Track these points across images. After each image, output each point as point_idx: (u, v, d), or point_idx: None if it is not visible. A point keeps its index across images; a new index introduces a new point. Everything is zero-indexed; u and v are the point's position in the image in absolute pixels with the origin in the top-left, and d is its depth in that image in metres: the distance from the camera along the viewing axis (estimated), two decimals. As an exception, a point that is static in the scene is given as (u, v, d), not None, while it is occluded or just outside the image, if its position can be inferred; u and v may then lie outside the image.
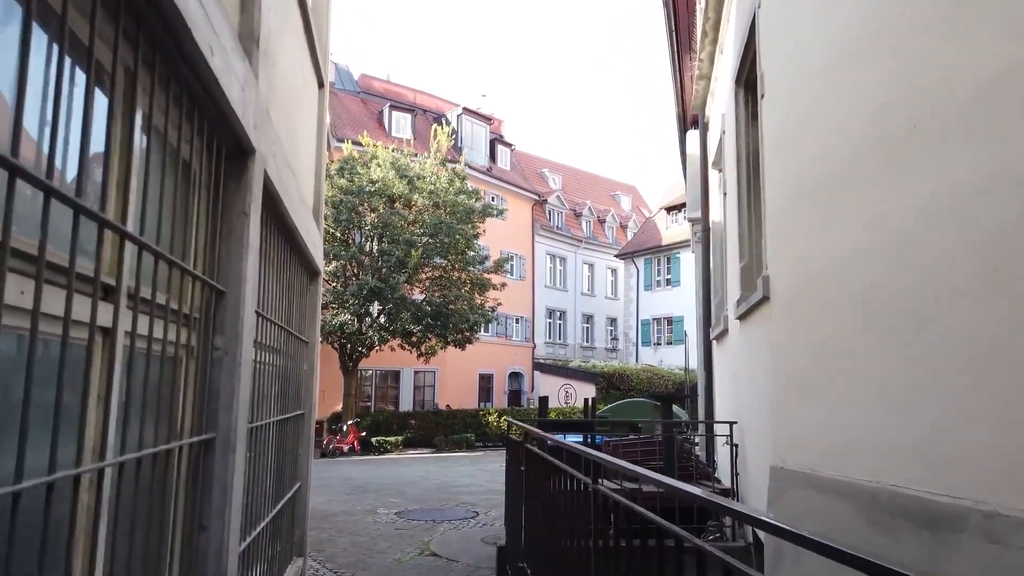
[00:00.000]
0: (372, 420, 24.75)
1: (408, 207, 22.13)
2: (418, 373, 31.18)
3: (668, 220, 36.44)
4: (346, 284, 21.72)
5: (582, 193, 44.23)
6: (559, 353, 38.12)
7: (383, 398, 30.87)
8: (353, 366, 23.73)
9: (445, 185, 22.96)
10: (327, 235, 21.59)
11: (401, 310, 21.68)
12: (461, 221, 22.49)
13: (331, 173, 22.31)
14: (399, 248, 21.33)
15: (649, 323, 36.02)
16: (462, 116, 33.29)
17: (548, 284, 38.18)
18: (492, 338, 33.28)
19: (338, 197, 21.32)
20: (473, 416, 24.58)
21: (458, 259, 23.40)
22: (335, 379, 25.04)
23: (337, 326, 21.44)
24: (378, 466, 17.73)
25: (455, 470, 15.53)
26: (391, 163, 22.26)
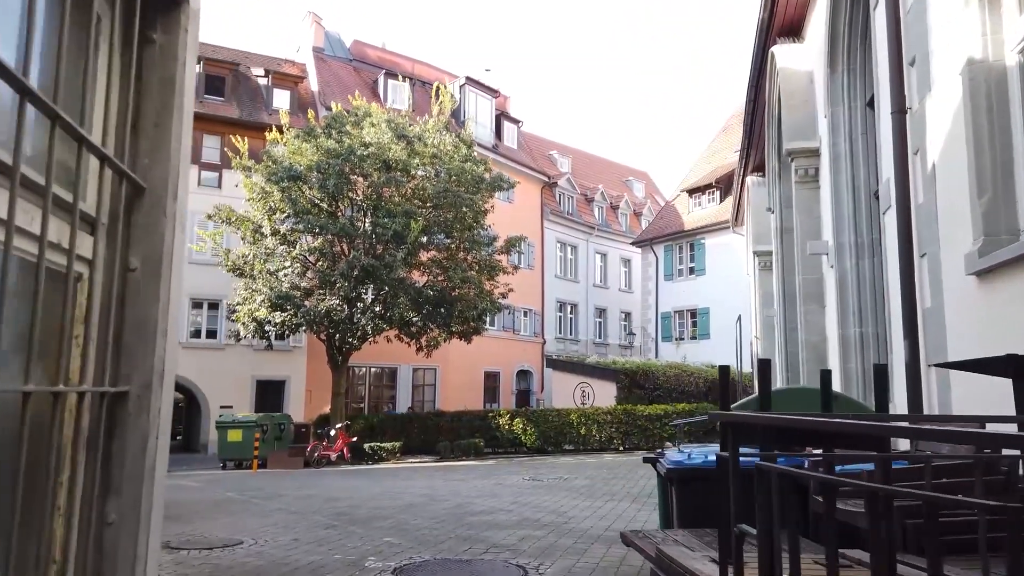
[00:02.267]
0: (365, 423, 21.52)
1: (407, 175, 18.92)
2: (417, 371, 27.99)
3: (690, 203, 33.30)
4: (334, 263, 18.51)
5: (593, 178, 41.08)
6: (570, 349, 34.93)
7: (378, 399, 27.61)
8: (343, 361, 20.51)
9: (450, 150, 19.77)
10: (311, 206, 18.40)
11: (399, 294, 18.47)
12: (468, 191, 19.28)
13: (316, 133, 19.12)
14: (396, 221, 18.13)
15: (670, 316, 32.87)
16: (465, 87, 30.11)
17: (558, 274, 35.00)
18: (499, 332, 30.10)
19: (324, 161, 18.12)
20: (481, 419, 21.38)
21: (464, 236, 20.19)
22: (323, 376, 21.82)
23: (324, 312, 18.22)
24: (371, 479, 14.54)
25: (468, 486, 12.34)
26: (387, 123, 19.06)
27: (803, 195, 9.11)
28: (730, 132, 37.03)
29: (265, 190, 18.90)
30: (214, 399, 23.90)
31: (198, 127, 24.38)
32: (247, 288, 19.15)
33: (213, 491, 12.77)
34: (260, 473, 17.31)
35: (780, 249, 11.41)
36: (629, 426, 20.10)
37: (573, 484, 12.07)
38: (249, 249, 19.37)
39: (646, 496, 10.26)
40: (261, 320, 18.79)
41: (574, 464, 16.33)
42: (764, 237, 15.46)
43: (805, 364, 8.89)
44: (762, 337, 15.41)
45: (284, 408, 24.72)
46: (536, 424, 20.57)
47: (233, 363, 24.25)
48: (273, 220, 18.82)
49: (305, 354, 25.22)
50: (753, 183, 16.22)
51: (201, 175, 24.67)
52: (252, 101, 26.15)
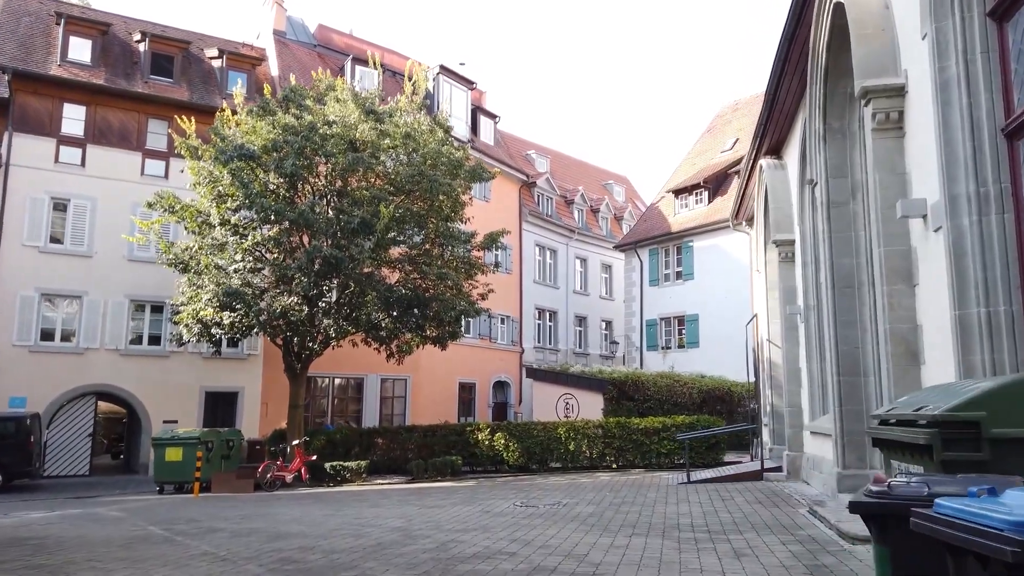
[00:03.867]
0: (327, 439, 19.12)
1: (376, 157, 16.70)
2: (386, 381, 25.66)
3: (676, 205, 31.55)
4: (291, 255, 16.19)
5: (572, 180, 39.22)
6: (549, 359, 32.85)
7: (342, 412, 25.16)
8: (302, 369, 18.13)
9: (424, 131, 17.63)
10: (264, 190, 16.10)
11: (366, 291, 16.21)
12: (445, 176, 17.13)
13: (272, 109, 16.85)
14: (363, 209, 15.92)
15: (656, 324, 30.97)
16: (440, 76, 28.03)
17: (537, 279, 32.95)
18: (474, 340, 27.92)
19: (281, 138, 15.85)
20: (458, 433, 19.12)
21: (440, 230, 18.00)
22: (282, 388, 19.40)
23: (280, 313, 15.87)
24: (332, 505, 12.23)
25: (449, 515, 10.13)
26: (353, 97, 16.87)
27: (883, 147, 7.18)
28: (715, 133, 35.52)
29: (213, 174, 16.57)
30: (157, 413, 21.30)
31: (141, 109, 21.99)
32: (191, 285, 16.74)
33: (131, 524, 10.36)
34: (202, 499, 14.86)
35: (827, 228, 9.47)
36: (623, 441, 18.01)
37: (577, 512, 9.93)
38: (194, 241, 16.98)
39: (676, 528, 8.17)
40: (207, 322, 16.38)
41: (567, 485, 14.19)
42: (785, 224, 13.59)
43: (889, 360, 6.93)
44: (783, 339, 13.47)
45: (237, 423, 22.18)
46: (519, 439, 18.38)
47: (179, 373, 21.68)
48: (222, 209, 16.45)
49: (261, 362, 22.73)
50: (769, 167, 14.36)
51: (145, 163, 22.18)
52: (204, 84, 23.75)
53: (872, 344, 9.07)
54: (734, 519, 8.77)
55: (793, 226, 13.40)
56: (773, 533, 7.70)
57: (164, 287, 19.96)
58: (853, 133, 9.48)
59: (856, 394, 9.12)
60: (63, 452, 20.75)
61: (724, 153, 32.60)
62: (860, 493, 3.28)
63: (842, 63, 9.28)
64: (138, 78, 22.61)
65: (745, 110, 34.86)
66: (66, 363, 20.49)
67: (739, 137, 32.95)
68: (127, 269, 21.34)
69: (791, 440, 13.05)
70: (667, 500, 10.99)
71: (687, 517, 9.14)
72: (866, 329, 9.16)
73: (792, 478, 12.79)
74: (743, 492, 11.50)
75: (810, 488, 11.48)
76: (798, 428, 12.97)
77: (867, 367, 9.12)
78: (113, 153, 21.70)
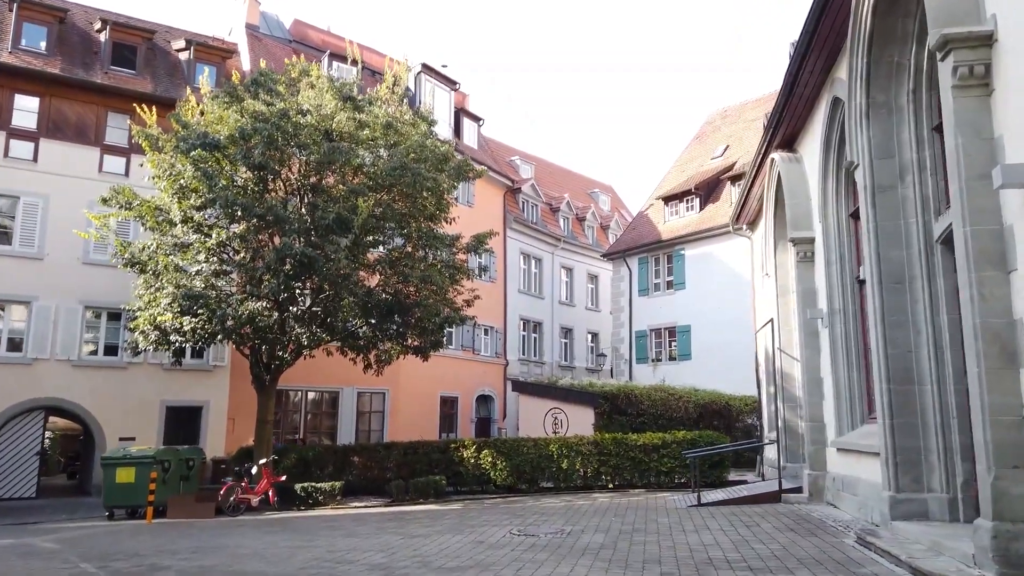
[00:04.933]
0: (299, 457, 17.57)
1: (354, 149, 15.32)
2: (362, 395, 24.13)
3: (666, 212, 30.47)
4: (260, 254, 14.74)
5: (557, 188, 38.08)
6: (534, 372, 31.50)
7: (316, 427, 23.57)
8: (271, 380, 16.61)
9: (407, 122, 16.32)
10: (231, 183, 14.67)
11: (343, 294, 14.79)
12: (430, 169, 15.79)
13: (239, 95, 15.46)
14: (339, 205, 14.53)
15: (646, 335, 29.75)
16: (421, 75, 26.79)
17: (522, 289, 31.65)
18: (457, 351, 26.51)
19: (249, 126, 14.43)
20: (441, 451, 17.66)
21: (422, 231, 16.63)
22: (251, 402, 17.84)
23: (245, 318, 14.38)
24: (301, 535, 10.75)
25: (438, 547, 8.73)
26: (329, 82, 15.53)
27: (966, 107, 6.00)
28: (704, 140, 34.65)
29: (175, 167, 15.09)
30: (113, 430, 19.59)
31: (101, 102, 20.46)
32: (148, 287, 15.20)
33: (62, 561, 8.82)
34: (155, 526, 13.27)
35: (871, 215, 8.29)
36: (620, 459, 16.67)
37: (585, 543, 8.59)
38: (153, 239, 15.47)
39: (710, 565, 6.87)
40: (165, 328, 14.84)
41: (564, 508, 12.82)
42: (803, 221, 12.44)
43: (980, 361, 5.70)
44: (802, 346, 12.26)
45: (201, 440, 20.54)
46: (508, 457, 16.98)
47: (137, 386, 20.01)
48: (184, 205, 14.95)
49: (228, 374, 21.12)
50: (783, 160, 13.24)
51: (103, 160, 20.59)
52: (170, 77, 22.25)
53: (928, 348, 7.87)
54: (772, 552, 7.48)
55: (812, 223, 12.26)
56: (829, 571, 6.42)
57: (122, 293, 18.29)
58: (900, 108, 8.32)
59: (910, 405, 7.91)
60: (7, 473, 18.94)
61: (715, 160, 31.68)
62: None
63: (890, 27, 8.15)
64: (97, 69, 21.07)
65: (735, 117, 34.08)
66: (12, 375, 18.75)
67: (729, 144, 32.09)
68: (82, 273, 19.68)
69: (812, 458, 11.81)
70: (683, 527, 9.68)
71: (716, 549, 7.84)
72: (920, 331, 7.96)
73: (815, 500, 11.55)
74: (766, 517, 10.22)
75: (840, 512, 10.23)
76: (820, 445, 11.74)
77: (922, 374, 7.91)
78: (69, 148, 20.10)
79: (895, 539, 7.23)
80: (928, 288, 7.94)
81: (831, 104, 10.63)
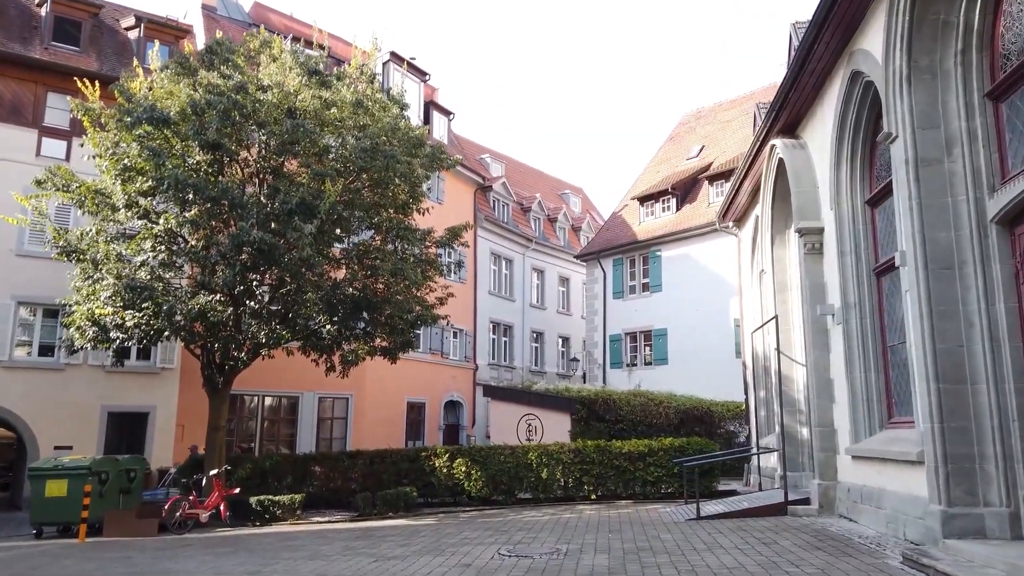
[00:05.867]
0: (253, 468, 16.09)
1: (320, 127, 14.01)
2: (324, 400, 22.68)
3: (642, 213, 29.64)
4: (213, 240, 13.32)
5: (529, 187, 37.04)
6: (504, 377, 30.33)
7: (273, 435, 22.03)
8: (224, 383, 15.14)
9: (378, 102, 15.07)
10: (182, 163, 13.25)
11: (306, 288, 13.44)
12: (404, 152, 14.55)
13: (191, 65, 14.04)
14: (301, 189, 13.20)
15: (620, 339, 28.80)
16: (389, 64, 25.52)
17: (492, 291, 30.47)
18: (424, 354, 25.19)
19: (203, 99, 13.02)
20: (411, 459, 16.36)
21: (392, 223, 15.35)
22: (202, 407, 16.32)
23: (196, 313, 12.92)
24: (256, 556, 9.39)
25: (415, 572, 7.49)
26: (292, 56, 14.20)
27: None
28: (679, 141, 34.00)
29: (120, 145, 13.59)
30: (49, 438, 17.84)
31: (40, 79, 18.77)
32: (85, 277, 13.65)
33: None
34: (88, 546, 11.74)
35: (914, 193, 7.35)
36: (603, 467, 15.59)
37: (588, 566, 7.45)
38: (92, 223, 13.92)
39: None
40: (105, 324, 13.29)
41: (550, 522, 11.66)
42: (811, 210, 11.53)
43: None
44: (810, 345, 11.32)
45: (146, 449, 18.89)
46: (483, 466, 15.78)
47: (76, 389, 18.28)
48: (129, 188, 13.46)
49: (177, 377, 19.50)
50: (785, 147, 12.33)
51: (42, 143, 18.88)
52: (118, 56, 20.61)
53: (983, 342, 6.92)
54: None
55: (820, 212, 11.36)
56: (895, 604, 5.37)
57: (60, 287, 16.56)
58: (947, 72, 7.40)
59: (962, 408, 6.95)
60: (-75, 485, 17.07)
61: (690, 160, 31.00)
62: None
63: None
64: (37, 44, 19.35)
65: (709, 118, 33.52)
66: (-67, 377, 16.93)
67: (705, 144, 31.47)
68: (15, 266, 17.92)
69: (822, 467, 10.85)
70: (693, 545, 8.60)
71: (741, 572, 6.76)
72: (972, 323, 7.01)
73: (825, 512, 10.58)
74: (780, 532, 9.20)
75: (860, 527, 9.26)
76: (830, 452, 10.79)
77: (976, 372, 6.96)
78: (2, 129, 18.35)
79: (957, 561, 6.23)
80: (981, 274, 7.01)
81: (848, 80, 9.72)
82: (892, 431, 9.20)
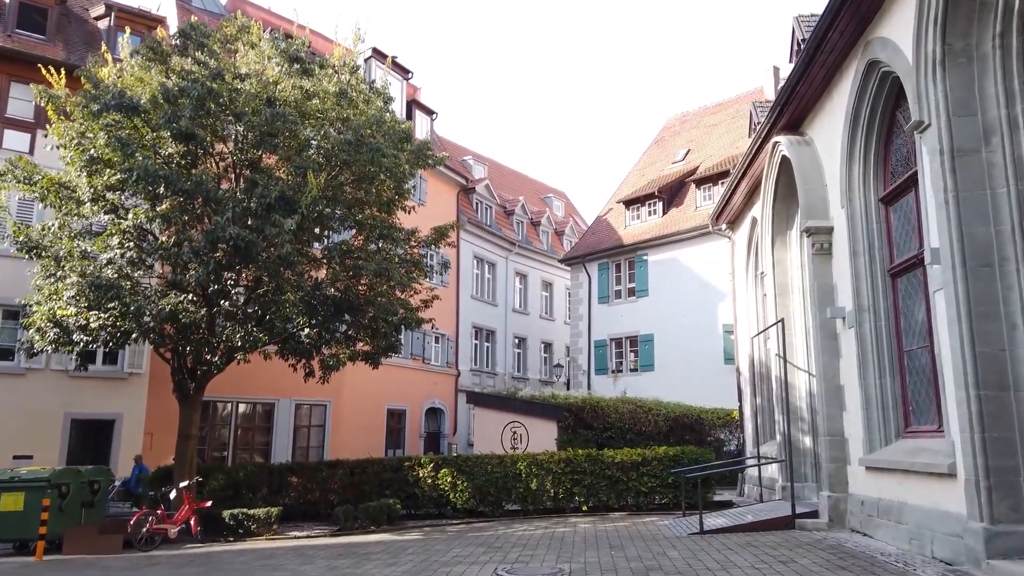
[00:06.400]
0: (227, 479, 15.23)
1: (301, 117, 13.27)
2: (301, 407, 21.82)
3: (627, 217, 29.17)
4: (185, 236, 12.50)
5: (512, 190, 36.46)
6: (486, 383, 29.62)
7: (247, 444, 21.13)
8: (197, 389, 14.29)
9: (363, 90, 14.38)
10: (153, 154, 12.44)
11: (284, 288, 12.67)
12: (390, 145, 13.84)
13: (163, 50, 13.25)
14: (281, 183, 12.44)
15: (605, 345, 28.25)
16: (371, 61, 24.81)
17: (475, 295, 29.79)
18: (406, 360, 24.44)
19: (175, 86, 12.22)
20: (393, 470, 15.60)
21: (378, 220, 14.63)
22: (171, 414, 15.45)
23: (167, 314, 12.09)
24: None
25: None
26: (271, 43, 13.47)
27: None
28: (664, 144, 33.64)
29: (86, 135, 12.74)
30: (6, 447, 16.78)
31: (1, 68, 17.79)
32: (46, 274, 12.76)
33: None
34: (46, 564, 10.84)
35: (950, 185, 6.83)
36: (595, 477, 14.97)
37: (598, 589, 6.80)
38: (55, 218, 13.04)
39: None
40: (67, 325, 12.41)
41: (544, 537, 11.00)
42: (819, 209, 11.04)
43: None
44: (818, 350, 10.79)
45: (112, 459, 17.91)
46: (470, 476, 15.07)
47: (37, 395, 17.27)
48: (95, 180, 12.61)
49: (146, 383, 18.54)
50: (790, 143, 11.84)
51: (4, 135, 17.88)
52: (87, 46, 19.66)
53: (1029, 345, 6.42)
54: (848, 603, 5.83)
55: (829, 211, 10.88)
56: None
57: (21, 287, 15.63)
58: (984, 56, 6.91)
59: (1005, 417, 6.42)
60: None
61: (675, 164, 30.63)
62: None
63: (973, -43, 6.77)
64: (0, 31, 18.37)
65: (694, 122, 33.22)
66: None
67: (691, 148, 31.12)
68: (-28, 263, 16.91)
69: (832, 478, 10.31)
70: (704, 563, 7.99)
71: (769, 598, 6.16)
72: (1016, 325, 6.50)
73: (836, 527, 10.04)
74: (795, 549, 8.63)
75: (878, 543, 8.71)
76: (840, 463, 10.27)
77: (1020, 378, 6.45)
78: (-38, 120, 17.37)
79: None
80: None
81: (864, 71, 9.25)
82: (912, 441, 8.69)
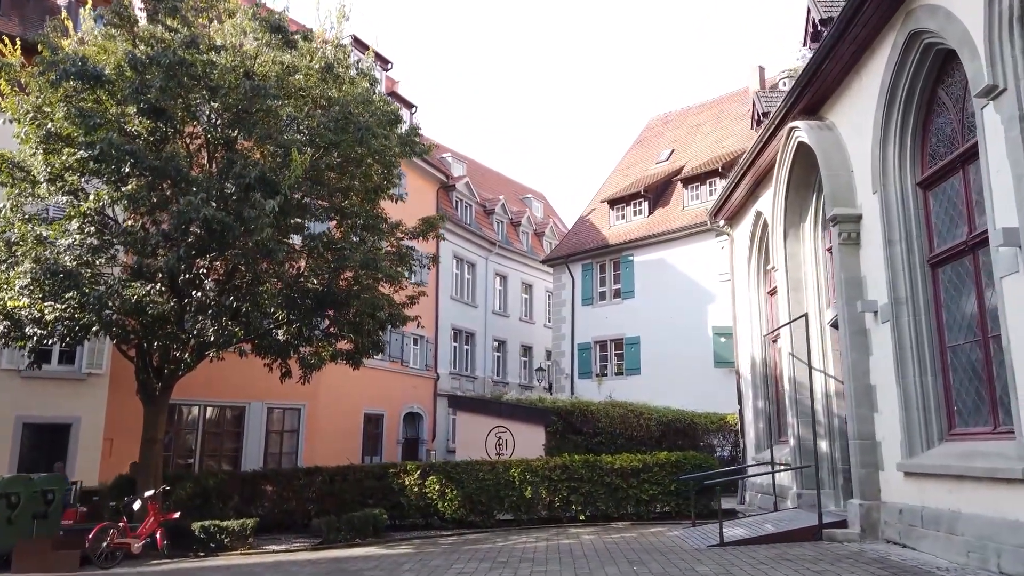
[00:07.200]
0: (197, 487, 14.01)
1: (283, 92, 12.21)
2: (274, 411, 20.60)
3: (612, 216, 28.45)
4: (153, 218, 11.35)
5: (491, 190, 35.56)
6: (465, 387, 28.62)
7: (215, 450, 19.83)
8: (163, 389, 13.09)
9: (350, 65, 13.40)
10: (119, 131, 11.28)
11: (261, 278, 11.57)
12: (379, 125, 12.84)
13: (130, 17, 12.11)
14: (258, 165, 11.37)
15: (589, 348, 27.44)
16: (351, 49, 23.66)
17: (455, 296, 28.79)
18: (383, 362, 23.31)
19: (143, 54, 11.09)
20: (377, 477, 14.54)
21: (362, 211, 13.60)
22: (134, 418, 14.20)
23: (132, 305, 10.92)
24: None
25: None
26: (251, 12, 12.40)
27: None
28: (647, 144, 33.08)
29: (42, 109, 11.53)
30: (-49, 453, 15.37)
31: (-49, 41, 16.23)
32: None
33: None
34: (-12, 586, 9.60)
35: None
36: (593, 485, 14.09)
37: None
38: (8, 198, 11.79)
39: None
40: (19, 317, 11.17)
41: (551, 551, 10.07)
42: (845, 197, 10.33)
43: None
44: (847, 347, 10.05)
45: (69, 466, 16.50)
46: (460, 484, 14.10)
47: (-15, 397, 15.86)
48: (53, 159, 11.41)
49: (106, 383, 17.17)
50: (810, 129, 11.13)
51: (-47, 114, 16.43)
52: (45, 23, 18.28)
53: None
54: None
55: (856, 198, 10.17)
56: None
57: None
58: (1069, 12, 6.23)
59: (1098, 414, 5.71)
60: None
61: (660, 164, 30.04)
62: None
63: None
64: (-51, 2, 16.99)
65: (678, 122, 32.74)
66: None
67: (675, 148, 30.57)
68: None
69: (863, 485, 9.56)
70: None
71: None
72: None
73: (869, 538, 9.28)
74: (834, 563, 7.83)
75: (925, 555, 7.95)
76: (872, 468, 9.52)
77: None
78: (-96, 96, 15.89)
79: None
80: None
81: (904, 43, 8.55)
82: (961, 443, 7.97)
